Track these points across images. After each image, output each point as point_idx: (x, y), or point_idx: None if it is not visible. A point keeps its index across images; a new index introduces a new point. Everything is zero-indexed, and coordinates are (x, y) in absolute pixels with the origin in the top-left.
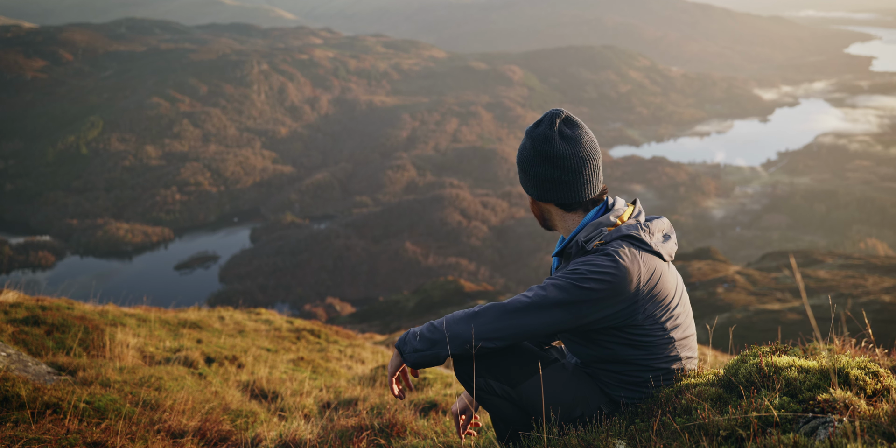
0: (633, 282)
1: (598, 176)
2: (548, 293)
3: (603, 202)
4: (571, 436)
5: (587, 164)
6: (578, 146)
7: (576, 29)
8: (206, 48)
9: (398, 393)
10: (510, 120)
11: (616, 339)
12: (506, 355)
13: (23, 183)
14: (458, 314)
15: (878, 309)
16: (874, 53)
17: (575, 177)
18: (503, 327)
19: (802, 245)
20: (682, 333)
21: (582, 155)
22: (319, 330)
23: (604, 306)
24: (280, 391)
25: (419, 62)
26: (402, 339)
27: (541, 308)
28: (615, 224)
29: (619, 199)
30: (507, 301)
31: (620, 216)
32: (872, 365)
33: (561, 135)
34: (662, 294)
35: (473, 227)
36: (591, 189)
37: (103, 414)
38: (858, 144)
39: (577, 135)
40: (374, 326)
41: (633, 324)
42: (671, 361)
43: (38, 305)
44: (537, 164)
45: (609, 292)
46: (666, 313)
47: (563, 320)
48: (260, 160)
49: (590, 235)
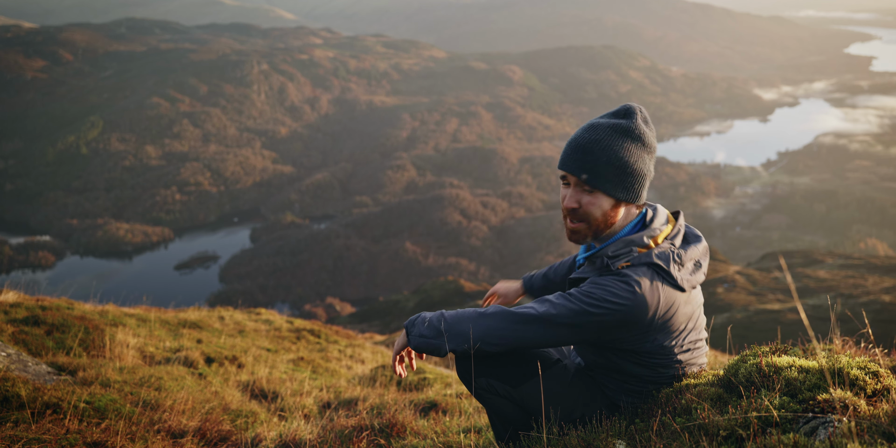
0: (648, 314)
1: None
2: (557, 312)
3: (641, 214)
4: (571, 436)
5: (652, 161)
6: (653, 138)
7: (576, 29)
8: (206, 48)
9: (399, 372)
10: (510, 120)
11: (623, 356)
12: (508, 355)
13: (23, 183)
14: (467, 312)
15: (878, 309)
16: (874, 53)
17: (646, 166)
18: (506, 335)
19: (802, 245)
20: (692, 355)
21: (655, 146)
22: (319, 330)
23: (612, 332)
24: (280, 391)
25: (419, 62)
26: (411, 321)
27: (547, 324)
28: (648, 246)
29: (661, 210)
30: (517, 308)
31: (655, 237)
32: (872, 365)
33: (646, 123)
34: (676, 325)
35: (473, 227)
36: (644, 190)
37: (103, 414)
38: (859, 144)
39: (652, 129)
40: (374, 326)
41: (640, 349)
42: (678, 378)
43: (38, 305)
44: (639, 158)
45: (619, 322)
46: (678, 341)
47: (567, 339)
48: (260, 160)
49: (618, 252)
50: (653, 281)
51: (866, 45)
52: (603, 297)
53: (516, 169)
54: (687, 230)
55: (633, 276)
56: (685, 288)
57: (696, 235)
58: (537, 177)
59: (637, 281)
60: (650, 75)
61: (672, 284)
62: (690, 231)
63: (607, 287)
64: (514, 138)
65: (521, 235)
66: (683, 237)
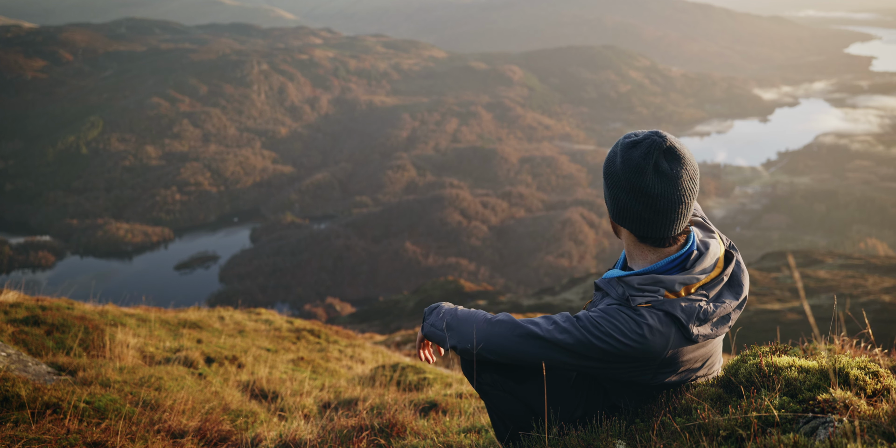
0: (651, 358)
1: (686, 216)
2: (561, 337)
3: (684, 251)
4: (571, 436)
5: (677, 207)
6: (673, 186)
7: (576, 29)
8: (206, 48)
9: (424, 358)
10: (510, 120)
11: (627, 384)
12: None
13: (23, 183)
14: (477, 314)
15: (878, 309)
16: (874, 53)
17: (658, 217)
18: (505, 344)
19: (802, 245)
20: (699, 382)
21: (675, 197)
22: (319, 330)
23: (611, 367)
24: (280, 391)
25: (419, 62)
26: (430, 308)
27: (549, 347)
28: (678, 294)
29: (713, 253)
30: (523, 321)
31: (689, 286)
32: (872, 365)
33: (657, 169)
34: (684, 366)
35: (473, 227)
36: (673, 229)
37: (103, 414)
38: (859, 144)
39: (676, 173)
40: (374, 326)
41: (641, 380)
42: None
43: (38, 305)
44: (621, 191)
45: (620, 359)
46: (683, 377)
47: (566, 365)
48: (260, 160)
49: (643, 287)
50: (666, 328)
51: (866, 45)
52: (609, 332)
53: (516, 169)
54: (735, 274)
55: (648, 319)
56: (699, 342)
57: (740, 285)
58: (537, 177)
59: (650, 326)
60: (650, 75)
61: (688, 339)
62: (738, 278)
63: (617, 323)
64: (514, 138)
65: (521, 235)
66: (727, 284)
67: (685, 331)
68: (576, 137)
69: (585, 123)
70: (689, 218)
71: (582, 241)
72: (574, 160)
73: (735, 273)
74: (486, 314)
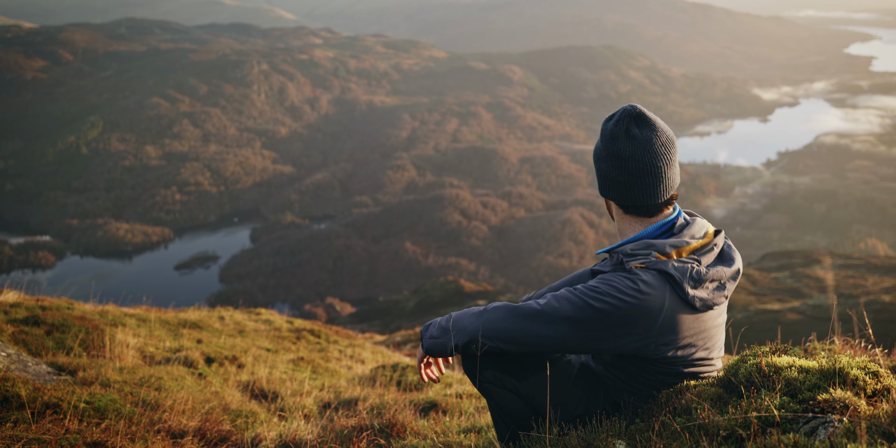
0: (650, 316)
1: (664, 183)
2: (559, 306)
3: (670, 219)
4: (571, 436)
5: (651, 170)
6: (643, 149)
7: (576, 29)
8: (206, 48)
9: (427, 378)
10: (510, 120)
11: (628, 359)
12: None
13: (23, 183)
14: (474, 309)
15: (878, 309)
16: (874, 53)
17: (634, 180)
18: (506, 327)
19: (802, 245)
20: (699, 369)
21: (646, 159)
22: (319, 330)
23: (612, 334)
24: (280, 391)
25: (419, 62)
26: (425, 327)
27: (550, 319)
28: (669, 255)
29: (700, 224)
30: (519, 304)
31: (681, 249)
32: (872, 365)
33: (627, 134)
34: (682, 339)
35: (473, 227)
36: (652, 195)
37: (103, 414)
38: (860, 145)
39: (646, 137)
40: (374, 326)
41: (643, 355)
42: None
43: (38, 305)
44: (601, 160)
45: (621, 319)
46: (684, 354)
47: (570, 339)
48: (260, 160)
49: (636, 251)
50: (661, 284)
51: (866, 45)
52: (607, 291)
53: (516, 169)
54: (725, 250)
55: (642, 275)
56: (696, 305)
57: (731, 258)
58: (537, 177)
59: (644, 281)
60: (650, 75)
61: (683, 298)
62: (728, 253)
63: (613, 283)
64: (514, 138)
65: (521, 235)
66: (718, 256)
67: (680, 290)
68: (576, 137)
69: (585, 123)
70: (669, 187)
71: (582, 241)
72: (574, 160)
73: (725, 249)
74: (478, 307)
